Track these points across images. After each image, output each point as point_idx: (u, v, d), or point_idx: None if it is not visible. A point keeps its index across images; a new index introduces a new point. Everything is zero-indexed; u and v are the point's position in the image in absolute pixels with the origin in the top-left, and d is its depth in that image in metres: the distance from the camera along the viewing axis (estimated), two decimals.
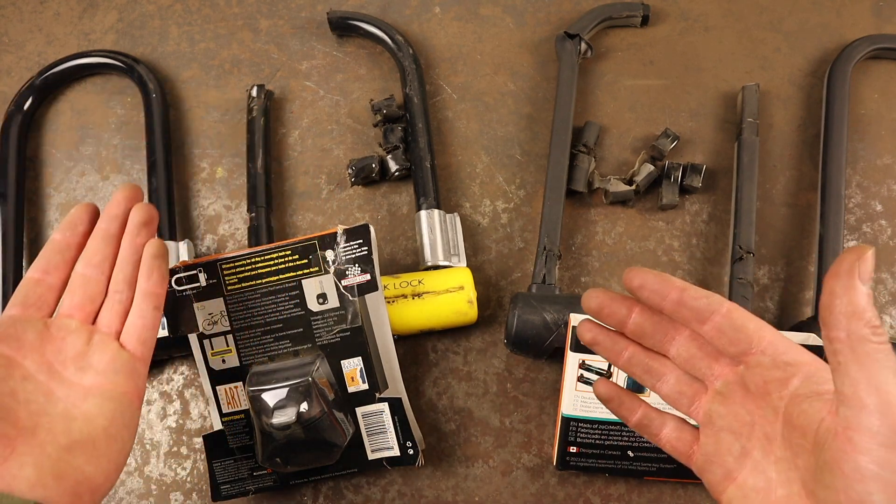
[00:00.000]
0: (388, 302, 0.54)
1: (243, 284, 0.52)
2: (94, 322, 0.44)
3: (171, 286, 0.52)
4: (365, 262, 0.51)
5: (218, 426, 0.53)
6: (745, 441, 0.34)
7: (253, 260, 0.52)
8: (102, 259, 0.45)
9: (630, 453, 0.51)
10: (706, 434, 0.36)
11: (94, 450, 0.39)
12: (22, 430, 0.38)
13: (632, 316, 0.37)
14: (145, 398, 0.58)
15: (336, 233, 0.52)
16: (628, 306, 0.37)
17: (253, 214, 0.60)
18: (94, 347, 0.43)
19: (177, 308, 0.52)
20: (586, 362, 0.50)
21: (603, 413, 0.50)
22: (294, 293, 0.52)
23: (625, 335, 0.39)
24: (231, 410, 0.53)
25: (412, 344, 0.58)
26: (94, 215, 0.46)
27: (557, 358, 0.53)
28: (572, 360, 0.50)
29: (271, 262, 0.52)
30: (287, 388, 0.49)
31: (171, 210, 0.61)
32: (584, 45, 0.63)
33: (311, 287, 0.52)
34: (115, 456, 0.40)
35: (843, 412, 0.27)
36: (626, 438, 0.51)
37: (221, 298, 0.52)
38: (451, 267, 0.57)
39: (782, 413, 0.32)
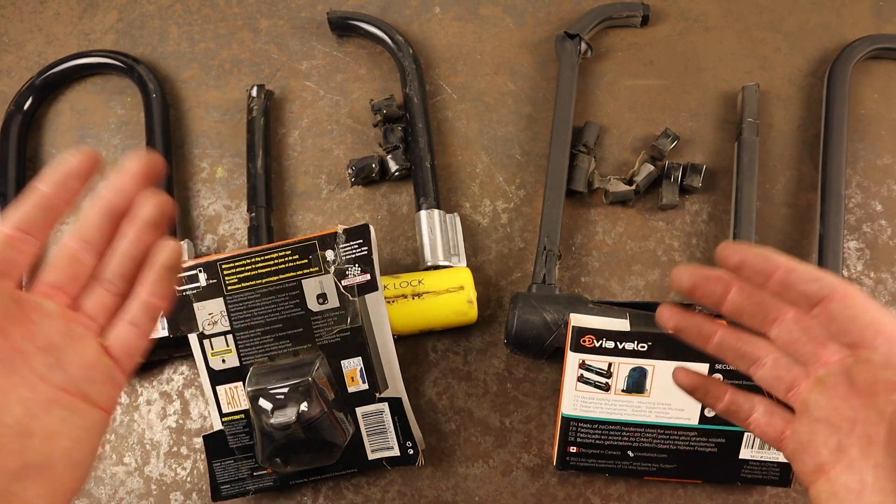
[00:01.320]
0: (388, 302, 0.54)
1: (243, 284, 0.52)
2: (71, 309, 0.36)
3: None
4: (365, 262, 0.51)
5: (218, 426, 0.53)
6: (843, 437, 0.32)
7: (253, 260, 0.52)
8: (100, 237, 0.36)
9: (630, 453, 0.51)
10: (801, 422, 0.34)
11: (51, 478, 0.32)
12: None
13: (729, 294, 0.34)
14: (145, 398, 0.58)
15: (336, 233, 0.52)
16: (725, 284, 0.34)
17: (253, 214, 0.60)
18: (71, 341, 0.34)
19: (177, 308, 0.52)
20: (586, 362, 0.50)
21: (603, 413, 0.50)
22: (294, 293, 0.52)
23: (711, 318, 0.36)
24: (231, 410, 0.53)
25: (412, 344, 0.58)
26: (93, 170, 0.36)
27: (557, 358, 0.53)
28: (572, 360, 0.50)
29: (271, 262, 0.52)
30: (287, 388, 0.49)
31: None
32: (584, 45, 0.63)
33: (311, 287, 0.52)
34: (71, 487, 0.33)
35: None
36: (626, 438, 0.51)
37: (221, 298, 0.52)
38: (451, 267, 0.57)
39: (889, 418, 0.30)
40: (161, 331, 0.54)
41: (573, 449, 0.51)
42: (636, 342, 0.49)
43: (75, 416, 0.33)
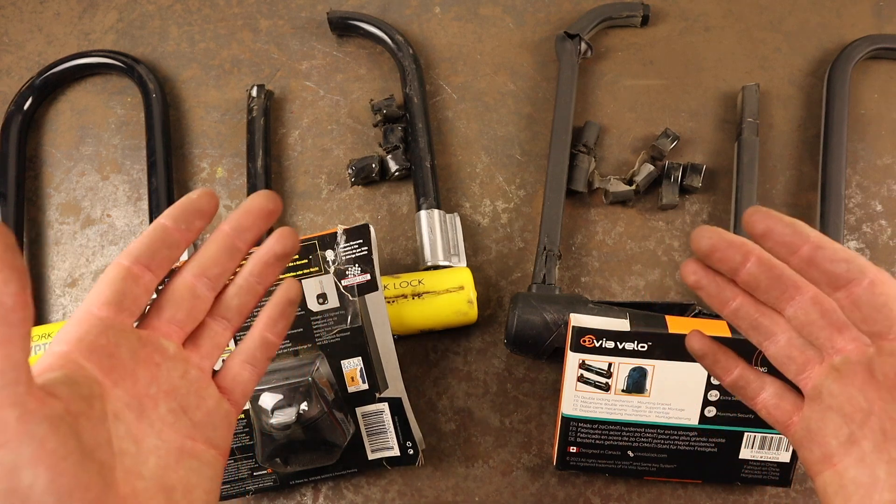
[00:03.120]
0: (388, 302, 0.54)
1: None
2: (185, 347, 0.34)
3: None
4: (365, 262, 0.51)
5: None
6: (855, 428, 0.30)
7: None
8: (220, 274, 0.34)
9: (630, 453, 0.51)
10: (812, 408, 0.32)
11: None
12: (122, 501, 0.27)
13: (747, 265, 0.32)
14: None
15: (336, 233, 0.52)
16: (744, 253, 0.32)
17: None
18: (191, 385, 0.33)
19: None
20: (586, 362, 0.50)
21: (603, 413, 0.50)
22: None
23: (733, 283, 0.34)
24: None
25: (412, 344, 0.58)
26: (214, 209, 0.34)
27: (557, 358, 0.53)
28: (572, 360, 0.50)
29: None
30: (287, 388, 0.49)
31: None
32: (584, 45, 0.63)
33: (311, 287, 0.52)
34: None
35: None
36: (626, 438, 0.51)
37: None
38: (451, 267, 0.57)
39: None
40: None
41: (573, 449, 0.51)
42: (636, 342, 0.49)
43: (204, 466, 0.32)
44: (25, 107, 0.65)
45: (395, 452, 0.52)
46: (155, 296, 0.34)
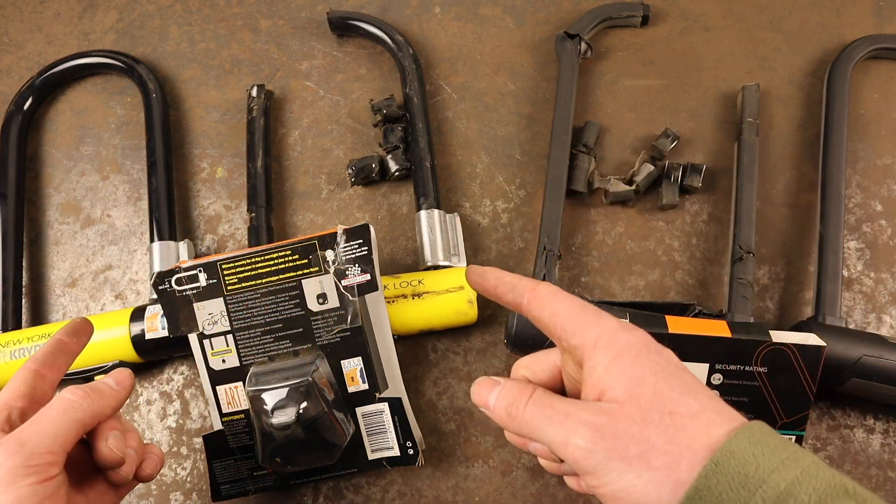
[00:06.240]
0: (388, 302, 0.54)
1: (243, 284, 0.52)
2: None
3: (171, 286, 0.52)
4: (365, 262, 0.51)
5: (218, 426, 0.53)
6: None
7: (253, 260, 0.52)
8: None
9: None
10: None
11: None
12: None
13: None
14: (145, 398, 0.58)
15: (336, 233, 0.52)
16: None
17: (253, 214, 0.60)
18: None
19: (177, 308, 0.52)
20: None
21: None
22: (294, 293, 0.52)
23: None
24: (231, 410, 0.53)
25: (412, 344, 0.58)
26: (92, 331, 0.47)
27: None
28: None
29: (271, 262, 0.52)
30: (287, 388, 0.49)
31: (171, 210, 0.61)
32: (584, 45, 0.63)
33: (311, 287, 0.52)
34: None
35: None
36: None
37: (221, 298, 0.52)
38: (451, 267, 0.57)
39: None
40: (161, 330, 0.54)
41: None
42: None
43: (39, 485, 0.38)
44: (25, 107, 0.65)
45: (395, 452, 0.52)
46: None
